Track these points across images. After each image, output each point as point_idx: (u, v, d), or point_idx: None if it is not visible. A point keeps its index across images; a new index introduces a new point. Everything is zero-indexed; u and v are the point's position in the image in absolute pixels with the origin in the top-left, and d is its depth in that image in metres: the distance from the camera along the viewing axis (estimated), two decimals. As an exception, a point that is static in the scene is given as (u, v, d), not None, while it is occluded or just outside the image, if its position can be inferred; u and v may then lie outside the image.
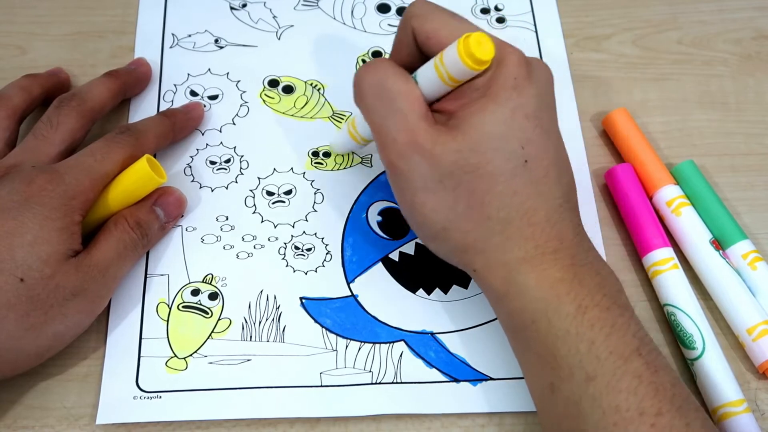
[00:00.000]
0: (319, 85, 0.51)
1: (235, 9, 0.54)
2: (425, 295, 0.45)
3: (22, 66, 0.52)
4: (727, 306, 0.44)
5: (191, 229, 0.46)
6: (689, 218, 0.46)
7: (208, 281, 0.45)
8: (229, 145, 0.49)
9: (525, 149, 0.36)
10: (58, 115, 0.43)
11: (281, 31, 0.53)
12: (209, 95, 0.51)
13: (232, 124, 0.50)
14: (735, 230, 0.46)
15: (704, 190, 0.47)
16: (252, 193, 0.48)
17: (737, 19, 0.55)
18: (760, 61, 0.53)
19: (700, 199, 0.47)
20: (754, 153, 0.50)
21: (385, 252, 0.46)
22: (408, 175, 0.36)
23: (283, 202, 0.48)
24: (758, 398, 0.43)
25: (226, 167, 0.48)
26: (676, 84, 0.52)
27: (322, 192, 0.48)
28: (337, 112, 0.50)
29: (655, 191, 0.47)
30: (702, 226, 0.46)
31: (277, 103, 0.51)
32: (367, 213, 0.47)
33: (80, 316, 0.40)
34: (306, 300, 0.45)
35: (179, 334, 0.43)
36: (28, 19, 0.54)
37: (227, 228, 0.47)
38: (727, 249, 0.46)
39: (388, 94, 0.37)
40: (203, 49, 0.52)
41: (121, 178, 0.43)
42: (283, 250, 0.46)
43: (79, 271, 0.39)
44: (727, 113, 0.52)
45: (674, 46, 0.54)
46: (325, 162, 0.49)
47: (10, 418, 0.42)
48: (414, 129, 0.36)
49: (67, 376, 0.43)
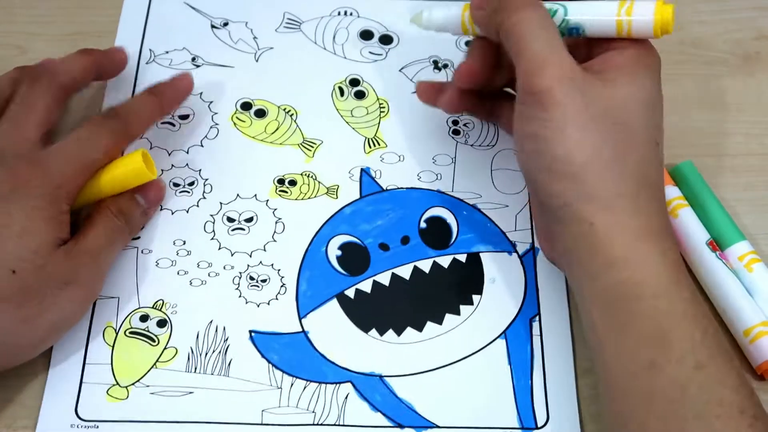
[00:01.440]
0: (292, 110, 0.50)
1: (216, 27, 0.53)
2: (378, 335, 0.44)
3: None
4: (724, 308, 0.44)
5: (147, 251, 0.46)
6: (686, 220, 0.46)
7: (158, 307, 0.44)
8: (195, 168, 0.48)
9: (658, 130, 0.38)
10: (30, 95, 0.42)
11: (260, 53, 0.52)
12: (180, 114, 0.50)
13: (200, 146, 0.49)
14: (733, 231, 0.45)
15: (702, 191, 0.47)
16: (212, 218, 0.47)
17: (737, 19, 0.55)
18: (760, 61, 0.53)
19: (698, 200, 0.46)
20: (754, 153, 0.50)
21: (341, 288, 0.45)
22: (563, 104, 0.36)
23: (243, 229, 0.47)
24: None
25: (189, 190, 0.48)
26: (676, 84, 0.51)
27: (283, 221, 0.47)
28: (307, 140, 0.50)
29: None
30: (699, 227, 0.45)
31: (248, 127, 0.50)
32: (327, 246, 0.46)
33: (74, 305, 0.40)
34: (255, 333, 0.44)
35: (123, 361, 0.43)
36: (28, 19, 0.54)
37: (183, 253, 0.46)
38: (725, 250, 0.45)
39: (544, 28, 0.37)
40: (179, 66, 0.52)
41: (113, 168, 0.42)
42: (238, 279, 0.45)
43: (70, 258, 0.39)
44: (727, 113, 0.51)
45: (674, 46, 0.53)
46: (289, 190, 0.48)
47: (9, 418, 0.41)
48: (572, 67, 0.36)
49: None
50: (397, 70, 0.52)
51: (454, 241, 0.47)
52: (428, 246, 0.46)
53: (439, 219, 0.47)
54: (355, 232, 0.47)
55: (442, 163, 0.49)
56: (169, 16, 0.54)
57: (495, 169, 0.49)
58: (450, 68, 0.52)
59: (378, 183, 0.48)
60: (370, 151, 0.49)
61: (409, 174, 0.49)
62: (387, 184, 0.48)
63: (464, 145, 0.50)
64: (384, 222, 0.47)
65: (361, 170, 0.49)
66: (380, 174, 0.49)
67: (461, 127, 0.50)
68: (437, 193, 0.48)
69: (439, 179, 0.48)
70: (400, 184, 0.48)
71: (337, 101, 0.51)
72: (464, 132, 0.50)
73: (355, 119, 0.50)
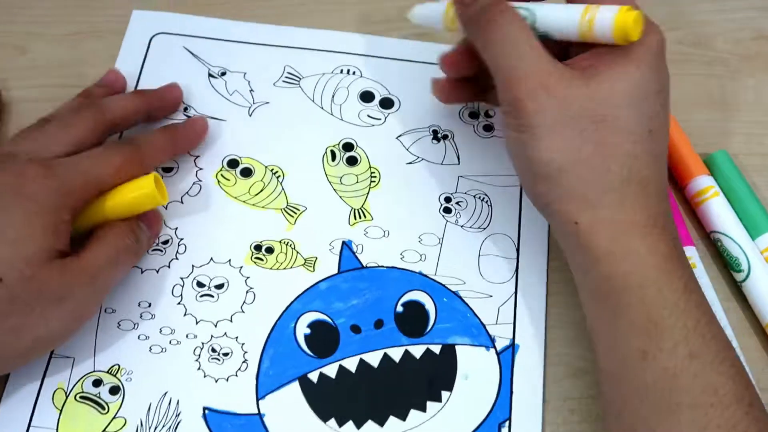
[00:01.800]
0: (279, 171, 0.49)
1: (213, 77, 0.52)
2: (336, 426, 0.42)
3: (22, 66, 0.52)
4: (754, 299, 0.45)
5: (110, 310, 0.44)
6: (716, 209, 0.47)
7: (113, 372, 0.43)
8: (171, 226, 0.47)
9: (652, 120, 0.37)
10: (72, 117, 0.42)
11: (255, 107, 0.51)
12: (165, 167, 0.48)
13: (179, 203, 0.47)
14: (764, 221, 0.46)
15: (736, 180, 0.47)
16: (182, 281, 0.45)
17: (737, 19, 0.55)
18: (760, 61, 0.53)
19: (731, 189, 0.47)
20: (754, 153, 0.50)
21: (305, 370, 0.43)
22: (536, 114, 0.36)
23: (211, 296, 0.45)
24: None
25: (162, 249, 0.46)
26: (676, 84, 0.51)
27: (254, 291, 0.45)
28: (291, 205, 0.48)
29: (688, 181, 0.48)
30: (730, 216, 0.46)
31: (232, 186, 0.48)
32: (296, 323, 0.44)
33: (64, 323, 0.39)
34: (209, 411, 0.42)
35: (70, 427, 0.41)
36: (28, 19, 0.54)
37: (147, 316, 0.44)
38: (755, 240, 0.46)
39: (517, 35, 0.37)
40: (170, 116, 0.50)
41: (123, 189, 0.41)
42: (199, 350, 0.43)
43: (65, 274, 0.38)
44: (727, 113, 0.51)
45: (674, 46, 0.53)
46: (265, 258, 0.46)
47: None
48: (547, 70, 0.36)
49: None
50: (394, 137, 0.50)
51: (430, 329, 0.44)
52: (402, 332, 0.44)
53: (416, 304, 0.45)
54: (328, 310, 0.45)
55: (429, 242, 0.47)
56: (168, 59, 0.52)
57: (483, 255, 0.46)
58: (450, 139, 0.50)
59: (359, 259, 0.46)
60: (355, 222, 0.47)
61: (392, 252, 0.46)
62: (368, 260, 0.46)
63: (454, 225, 0.47)
64: (359, 302, 0.45)
65: (343, 243, 0.46)
66: (362, 249, 0.46)
67: (453, 205, 0.48)
68: (419, 275, 0.46)
69: (422, 260, 0.46)
70: (381, 262, 0.46)
71: (328, 166, 0.49)
72: (456, 211, 0.48)
73: (344, 187, 0.48)
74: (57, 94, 0.47)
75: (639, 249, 0.36)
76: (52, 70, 0.52)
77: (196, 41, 0.53)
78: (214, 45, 0.53)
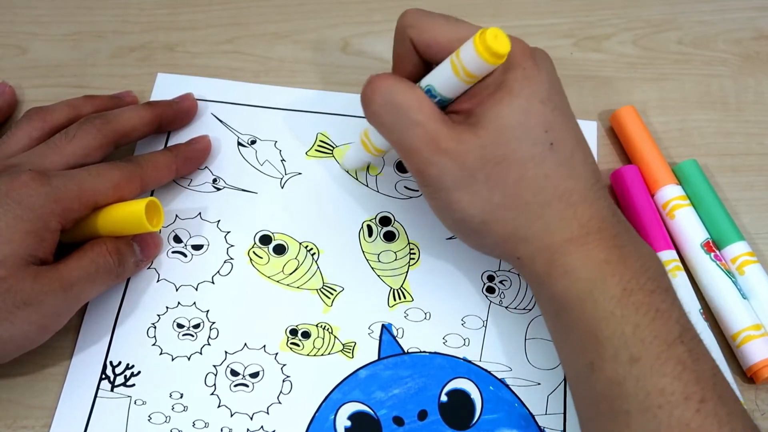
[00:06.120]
0: (314, 249, 0.46)
1: (242, 145, 0.49)
2: None
3: (22, 66, 0.52)
4: (716, 310, 0.44)
5: (140, 402, 0.42)
6: (683, 220, 0.46)
7: (145, 472, 0.40)
8: (203, 308, 0.45)
9: (549, 133, 0.36)
10: (77, 129, 0.42)
11: (287, 178, 0.49)
12: (193, 244, 0.46)
13: (210, 283, 0.45)
14: (731, 231, 0.45)
15: (704, 190, 0.47)
16: (215, 369, 0.43)
17: (737, 19, 0.55)
18: (760, 61, 0.54)
19: (699, 199, 0.47)
20: (754, 153, 0.50)
21: (346, 468, 0.41)
22: (439, 178, 0.37)
23: (246, 386, 0.43)
24: (758, 398, 0.43)
25: (193, 334, 0.44)
26: (676, 84, 0.52)
27: (291, 380, 0.43)
28: (327, 285, 0.45)
29: (655, 191, 0.47)
30: (698, 227, 0.46)
31: (265, 265, 0.46)
32: (335, 415, 0.42)
33: (29, 328, 0.38)
34: None
35: None
36: (28, 19, 0.54)
37: (179, 408, 0.42)
38: (722, 250, 0.45)
39: (400, 109, 0.37)
40: (199, 188, 0.48)
41: (116, 207, 0.41)
42: (235, 446, 0.41)
43: (38, 281, 0.37)
44: (727, 113, 0.52)
45: (674, 46, 0.54)
46: (302, 344, 0.44)
47: (10, 418, 0.41)
48: (436, 135, 0.36)
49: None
50: (432, 210, 0.48)
51: (476, 420, 0.42)
52: (447, 424, 0.42)
53: (462, 393, 0.43)
54: (369, 400, 0.42)
55: (472, 326, 0.45)
56: (195, 125, 0.50)
57: (530, 338, 0.44)
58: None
59: (399, 344, 0.44)
60: (395, 304, 0.45)
61: (434, 336, 0.44)
62: (409, 345, 0.44)
63: (498, 307, 0.45)
64: (401, 391, 0.43)
65: (382, 327, 0.44)
66: (403, 332, 0.44)
67: (497, 284, 0.46)
68: (463, 361, 0.44)
69: (466, 345, 0.44)
70: (423, 347, 0.44)
71: (365, 242, 0.47)
72: (499, 290, 0.46)
73: (382, 265, 0.46)
74: (57, 94, 0.47)
75: (574, 264, 0.36)
76: (52, 70, 0.52)
77: (224, 107, 0.51)
78: (243, 111, 0.51)
